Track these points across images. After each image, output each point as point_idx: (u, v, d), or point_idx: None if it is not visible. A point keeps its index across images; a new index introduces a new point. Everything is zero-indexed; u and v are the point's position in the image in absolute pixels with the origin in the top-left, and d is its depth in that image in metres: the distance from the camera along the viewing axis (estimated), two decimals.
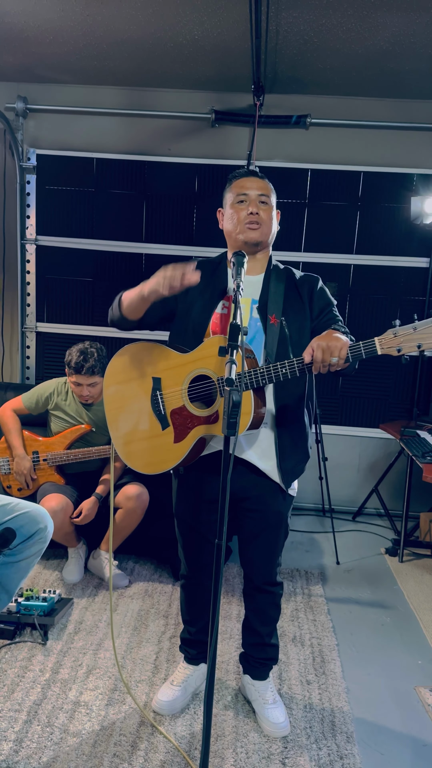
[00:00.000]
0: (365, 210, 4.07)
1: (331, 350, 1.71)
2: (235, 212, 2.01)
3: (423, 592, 3.23)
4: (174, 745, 2.06)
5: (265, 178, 2.06)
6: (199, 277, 1.78)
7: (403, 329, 1.70)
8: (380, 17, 2.83)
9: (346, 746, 2.11)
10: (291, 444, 2.04)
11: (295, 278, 2.08)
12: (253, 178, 2.03)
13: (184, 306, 2.05)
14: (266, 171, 4.00)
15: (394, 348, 1.70)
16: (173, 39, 3.21)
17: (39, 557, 2.10)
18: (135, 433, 2.08)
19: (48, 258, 4.24)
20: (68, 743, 2.05)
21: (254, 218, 1.98)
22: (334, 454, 4.20)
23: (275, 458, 2.02)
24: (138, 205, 4.14)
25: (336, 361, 1.72)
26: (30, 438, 3.17)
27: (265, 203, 2.02)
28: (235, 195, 2.02)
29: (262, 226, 2.00)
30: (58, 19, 3.07)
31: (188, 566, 2.23)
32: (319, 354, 1.72)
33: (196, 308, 2.03)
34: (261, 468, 2.02)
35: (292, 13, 2.83)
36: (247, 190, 2.01)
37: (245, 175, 2.05)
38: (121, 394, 2.11)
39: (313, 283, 2.09)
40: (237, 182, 2.04)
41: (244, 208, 2.00)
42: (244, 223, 1.99)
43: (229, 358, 1.51)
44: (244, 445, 2.00)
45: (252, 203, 2.00)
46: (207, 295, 2.03)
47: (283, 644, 2.68)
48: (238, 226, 2.00)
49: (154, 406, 2.04)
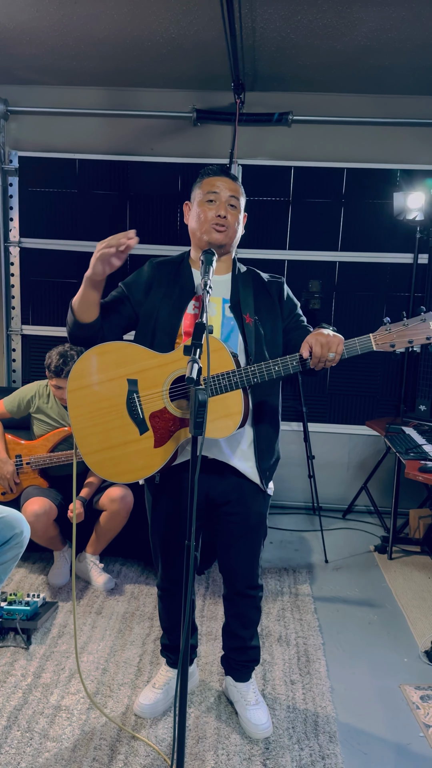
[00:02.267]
0: (349, 207, 4.05)
1: (329, 345, 1.76)
2: (202, 211, 1.98)
3: (411, 590, 3.22)
4: (154, 749, 2.04)
5: (237, 180, 2.02)
6: (136, 242, 1.79)
7: (395, 326, 1.80)
8: (356, 12, 2.82)
9: (328, 746, 2.09)
10: (267, 444, 2.03)
11: (262, 279, 2.08)
12: (225, 179, 1.99)
13: (147, 308, 2.00)
14: (249, 169, 4.03)
15: (387, 344, 1.80)
16: (150, 38, 3.19)
17: (16, 562, 2.09)
18: (107, 440, 1.94)
19: (32, 260, 4.22)
20: (48, 748, 2.03)
21: (221, 221, 1.95)
22: (324, 452, 4.19)
23: (254, 459, 2.00)
24: (121, 205, 4.12)
25: (333, 356, 1.76)
26: (12, 441, 3.15)
27: (234, 206, 1.98)
28: (204, 193, 1.98)
29: (228, 230, 1.97)
30: (33, 20, 3.05)
31: (167, 577, 2.17)
32: (318, 349, 1.76)
33: (164, 310, 1.98)
34: (241, 470, 1.99)
35: (267, 9, 2.82)
36: (218, 190, 1.97)
37: (217, 174, 2.00)
38: (88, 399, 1.94)
39: (281, 284, 2.10)
40: (208, 180, 2.00)
41: (213, 208, 1.96)
42: (211, 224, 1.96)
43: (192, 356, 1.49)
44: (224, 447, 1.97)
45: (221, 205, 1.96)
46: (175, 296, 1.99)
47: (269, 644, 2.67)
48: (204, 225, 1.97)
49: (131, 409, 1.92)
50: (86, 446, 1.94)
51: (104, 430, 1.93)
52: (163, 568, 2.17)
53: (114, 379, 1.93)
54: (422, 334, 1.79)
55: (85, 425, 1.94)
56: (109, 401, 1.93)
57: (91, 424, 1.94)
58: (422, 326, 1.79)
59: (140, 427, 1.92)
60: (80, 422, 1.95)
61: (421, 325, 1.79)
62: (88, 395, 1.94)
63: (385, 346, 1.79)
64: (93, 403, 1.94)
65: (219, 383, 1.81)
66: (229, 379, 1.81)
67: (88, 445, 1.94)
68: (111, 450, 1.93)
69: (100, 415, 1.94)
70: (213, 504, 2.04)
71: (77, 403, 1.95)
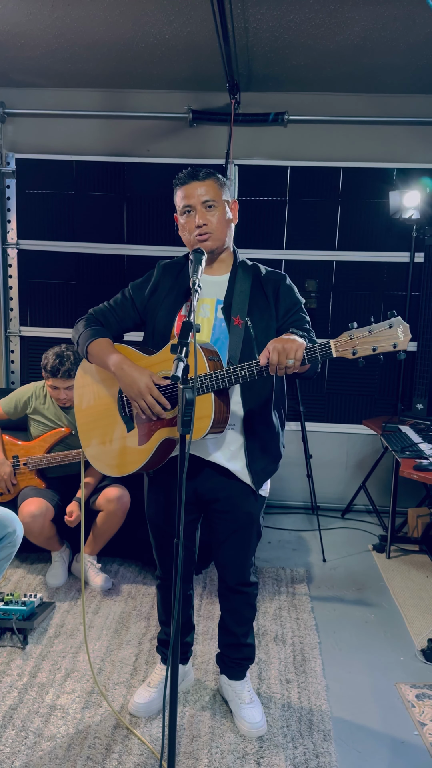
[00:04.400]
0: (346, 206, 4.06)
1: (287, 352, 1.68)
2: (186, 223, 1.97)
3: (409, 589, 3.21)
4: (148, 748, 2.05)
5: (208, 177, 1.95)
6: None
7: (359, 332, 1.68)
8: (348, 12, 2.82)
9: (322, 745, 2.09)
10: (261, 446, 2.02)
11: (260, 276, 2.04)
12: (194, 183, 1.94)
13: (149, 309, 2.05)
14: (245, 169, 4.04)
15: (349, 351, 1.68)
16: (144, 39, 3.20)
17: (9, 561, 2.10)
18: (102, 435, 2.07)
19: (30, 262, 4.24)
20: (42, 747, 2.04)
21: (203, 230, 1.93)
22: (322, 452, 4.19)
23: (245, 460, 2.00)
24: (118, 206, 4.14)
25: (292, 363, 1.68)
26: (10, 442, 3.16)
27: (212, 206, 1.94)
28: (181, 207, 1.97)
29: (213, 234, 1.94)
30: (26, 23, 3.06)
31: (162, 568, 2.23)
32: (275, 356, 1.69)
33: (162, 311, 2.01)
34: (231, 469, 2.00)
35: (259, 9, 2.82)
36: (190, 199, 1.94)
37: (185, 181, 1.96)
38: (88, 396, 2.12)
39: (279, 281, 2.03)
40: (179, 192, 1.97)
41: (192, 218, 1.95)
42: (194, 236, 1.95)
43: (177, 355, 1.49)
44: (210, 448, 1.98)
45: (198, 213, 1.93)
46: (172, 297, 2.01)
47: (265, 643, 2.67)
48: (190, 237, 1.97)
49: (120, 407, 2.03)
50: (87, 440, 2.12)
51: (100, 426, 2.07)
52: (160, 560, 2.21)
53: (108, 379, 2.05)
54: (387, 342, 1.65)
55: (86, 421, 2.12)
56: (104, 399, 2.07)
57: (91, 420, 2.10)
58: (387, 333, 1.65)
59: (128, 425, 2.02)
60: (82, 418, 2.13)
61: (387, 332, 1.65)
62: (88, 393, 2.11)
63: (346, 353, 1.69)
64: (92, 400, 2.10)
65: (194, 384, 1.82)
66: (201, 383, 1.81)
67: (88, 440, 2.11)
68: (105, 445, 2.07)
69: (97, 412, 2.09)
70: (203, 500, 2.06)
71: (81, 401, 2.14)
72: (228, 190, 2.03)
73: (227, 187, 2.02)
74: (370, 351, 1.67)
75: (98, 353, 1.99)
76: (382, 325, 1.65)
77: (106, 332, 2.04)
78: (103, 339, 2.00)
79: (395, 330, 1.64)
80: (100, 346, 1.99)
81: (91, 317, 2.09)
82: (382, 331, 1.65)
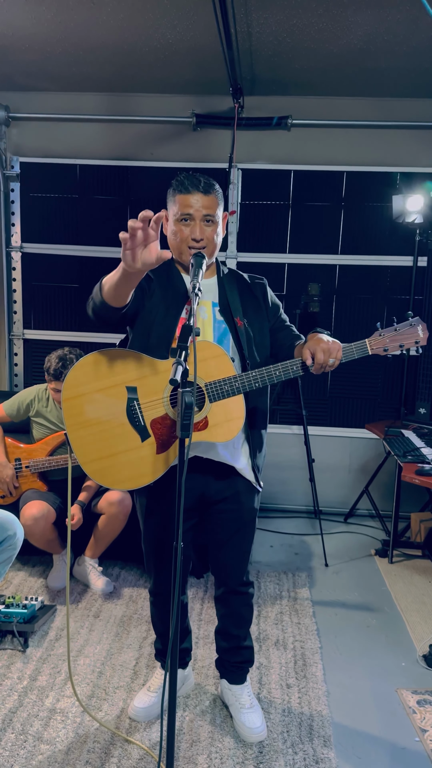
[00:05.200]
0: (349, 210, 4.05)
1: (330, 352, 1.81)
2: (178, 230, 1.93)
3: (411, 594, 3.20)
4: (147, 752, 2.04)
5: (211, 191, 1.92)
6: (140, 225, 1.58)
7: (387, 331, 1.91)
8: (351, 15, 2.82)
9: (322, 750, 2.08)
10: (259, 441, 2.07)
11: (246, 280, 2.10)
12: (198, 195, 1.90)
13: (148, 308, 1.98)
14: (249, 173, 4.04)
15: (381, 348, 1.90)
16: (148, 43, 3.21)
17: (9, 564, 2.09)
18: (108, 447, 1.90)
19: (34, 265, 4.25)
20: (41, 751, 2.03)
21: (200, 244, 1.91)
22: (325, 456, 4.17)
23: (248, 456, 2.04)
24: (122, 210, 4.14)
25: (333, 362, 1.83)
26: (12, 445, 3.16)
27: (211, 221, 1.92)
28: (178, 213, 1.92)
29: (207, 248, 1.92)
30: (31, 27, 3.08)
31: (160, 582, 2.17)
32: (321, 356, 1.80)
33: (158, 314, 1.96)
34: (236, 467, 2.01)
35: (262, 14, 2.83)
36: (192, 210, 1.90)
37: (189, 191, 1.90)
38: (85, 407, 1.92)
39: (264, 285, 2.12)
40: (180, 198, 1.92)
41: (188, 229, 1.91)
42: (188, 246, 1.92)
43: (176, 359, 1.49)
44: (219, 448, 1.98)
45: (197, 226, 1.90)
46: (168, 301, 1.97)
47: (266, 648, 2.66)
48: (181, 245, 1.94)
49: (131, 416, 1.90)
50: (84, 455, 1.90)
51: (104, 438, 1.90)
52: (156, 573, 2.17)
53: (111, 387, 1.91)
54: (411, 339, 1.92)
55: (83, 434, 1.91)
56: (108, 409, 1.90)
57: (89, 433, 1.91)
58: (411, 331, 1.92)
59: (141, 434, 1.89)
60: (76, 431, 1.91)
61: (410, 330, 1.92)
62: (84, 403, 1.91)
63: (379, 350, 1.90)
64: (90, 411, 1.91)
65: (221, 389, 1.84)
66: (231, 385, 1.84)
67: (87, 454, 1.90)
68: (112, 458, 1.90)
69: (98, 423, 1.90)
70: (208, 503, 2.05)
71: (73, 412, 1.91)
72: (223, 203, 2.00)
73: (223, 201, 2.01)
74: (398, 348, 1.91)
75: (109, 278, 1.80)
76: (406, 324, 1.93)
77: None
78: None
79: (416, 328, 1.92)
80: (109, 276, 1.82)
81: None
82: (407, 329, 1.92)
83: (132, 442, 1.89)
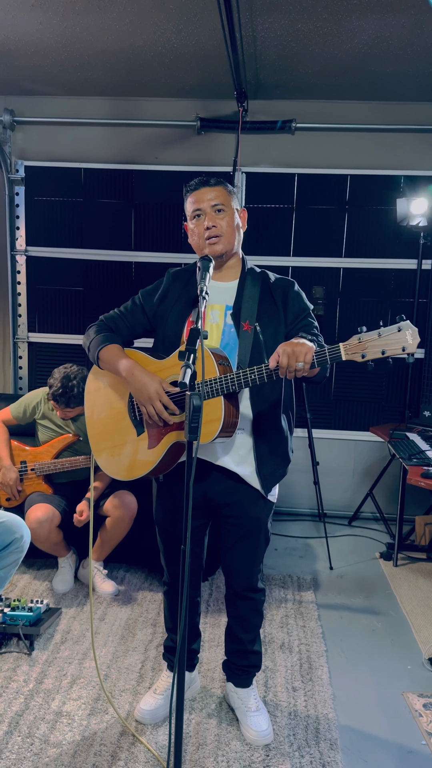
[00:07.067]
0: (353, 213, 4.06)
1: (297, 355, 1.70)
2: (195, 228, 2.02)
3: (417, 597, 3.20)
4: (154, 755, 2.04)
5: (218, 184, 2.02)
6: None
7: (368, 335, 1.69)
8: (355, 20, 2.83)
9: (329, 754, 2.08)
10: (269, 450, 2.03)
11: (269, 282, 2.07)
12: (204, 189, 2.01)
13: (159, 316, 2.07)
14: (253, 177, 4.05)
15: (358, 354, 1.69)
16: (153, 48, 3.23)
17: (16, 567, 2.10)
18: (112, 439, 2.09)
19: (38, 268, 4.26)
20: (48, 754, 2.03)
21: (212, 232, 1.97)
22: (329, 459, 4.18)
23: (254, 464, 2.01)
24: (126, 213, 4.16)
25: (302, 366, 1.69)
26: (18, 448, 3.17)
27: (221, 210, 1.99)
28: (191, 211, 2.02)
29: (223, 237, 1.98)
30: (37, 32, 3.09)
31: (169, 573, 2.24)
32: (285, 359, 1.71)
33: (171, 317, 2.04)
34: (240, 474, 2.01)
35: (267, 19, 2.84)
36: (200, 203, 2.00)
37: (196, 187, 2.02)
38: (100, 401, 2.13)
39: (287, 287, 2.06)
40: (190, 198, 2.03)
41: (202, 222, 2.00)
42: (204, 239, 1.99)
43: (185, 362, 1.50)
44: (219, 452, 1.99)
45: (208, 216, 1.98)
46: (181, 304, 2.04)
47: (271, 651, 2.66)
48: (200, 241, 2.01)
49: (130, 411, 2.06)
50: (96, 444, 2.13)
51: (110, 430, 2.09)
52: (168, 564, 2.22)
53: (119, 384, 2.08)
54: (397, 345, 1.65)
55: (96, 425, 2.14)
56: (114, 403, 2.10)
57: (101, 424, 2.12)
58: (396, 336, 1.65)
59: (137, 429, 2.04)
60: (93, 424, 2.15)
61: (396, 336, 1.65)
62: (99, 397, 2.13)
63: (355, 356, 1.69)
64: (102, 404, 2.12)
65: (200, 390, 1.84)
66: (210, 386, 1.83)
67: (97, 443, 2.13)
68: (115, 448, 2.08)
69: (107, 416, 2.11)
70: (212, 505, 2.07)
71: (91, 404, 2.16)
72: (236, 199, 2.07)
73: (236, 196, 2.07)
74: (379, 354, 1.66)
75: (109, 359, 2.01)
76: (392, 328, 1.66)
77: (117, 338, 2.07)
78: (113, 345, 2.03)
79: (404, 333, 1.65)
80: (110, 352, 2.01)
81: (102, 323, 2.12)
82: (392, 334, 1.65)
83: (130, 436, 2.05)
